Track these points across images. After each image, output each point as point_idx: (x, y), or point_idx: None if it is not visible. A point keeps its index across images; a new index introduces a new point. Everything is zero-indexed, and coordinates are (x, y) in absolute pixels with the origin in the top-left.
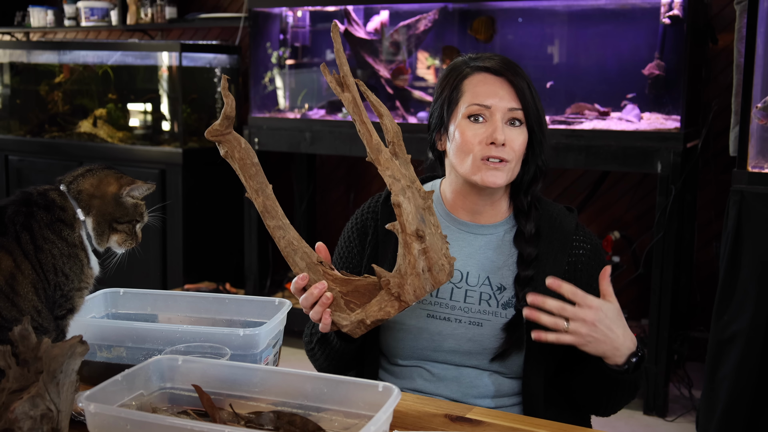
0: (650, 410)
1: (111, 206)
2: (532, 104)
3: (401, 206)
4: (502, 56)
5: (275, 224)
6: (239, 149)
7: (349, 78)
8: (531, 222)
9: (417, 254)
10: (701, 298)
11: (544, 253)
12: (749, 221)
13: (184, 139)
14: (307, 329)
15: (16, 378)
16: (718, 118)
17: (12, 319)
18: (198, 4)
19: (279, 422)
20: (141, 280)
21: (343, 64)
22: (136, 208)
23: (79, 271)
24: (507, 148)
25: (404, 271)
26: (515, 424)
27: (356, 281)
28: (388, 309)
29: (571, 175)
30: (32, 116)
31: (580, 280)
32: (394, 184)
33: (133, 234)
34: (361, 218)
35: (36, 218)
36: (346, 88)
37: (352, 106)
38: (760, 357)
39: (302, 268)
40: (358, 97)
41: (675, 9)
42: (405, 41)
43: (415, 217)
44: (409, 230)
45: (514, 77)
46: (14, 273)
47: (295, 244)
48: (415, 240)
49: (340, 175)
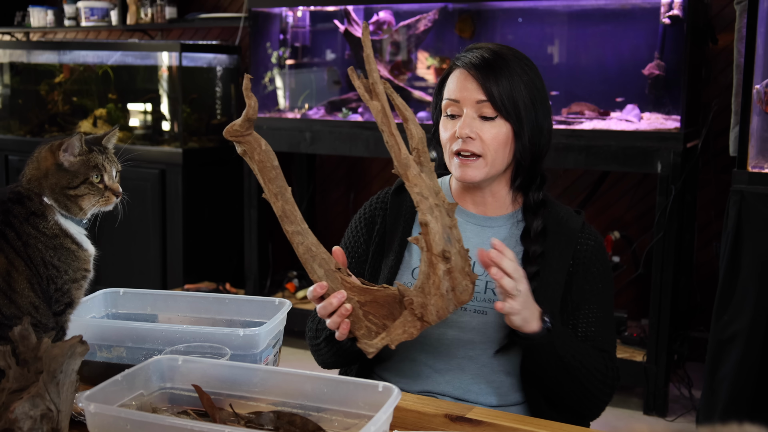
0: (650, 410)
1: (56, 177)
2: (502, 94)
3: (429, 225)
4: (492, 47)
5: (294, 229)
6: (259, 151)
7: (379, 85)
8: (539, 219)
9: (442, 275)
10: (701, 298)
11: (550, 250)
12: (749, 221)
13: (184, 139)
14: (312, 324)
15: (16, 378)
16: (718, 118)
17: (10, 315)
18: (198, 4)
19: (279, 422)
20: (141, 280)
21: (373, 71)
22: (86, 164)
23: (70, 259)
24: (476, 142)
25: (428, 291)
26: (515, 424)
27: (375, 291)
28: (411, 330)
29: (571, 175)
30: (32, 116)
31: (579, 274)
32: (422, 202)
33: (100, 190)
34: (370, 209)
35: (13, 213)
36: (374, 95)
37: (381, 116)
38: (760, 357)
39: (321, 276)
40: (387, 106)
41: (675, 9)
42: (405, 41)
43: (442, 238)
44: (436, 251)
45: (482, 70)
46: (9, 270)
47: (313, 250)
48: (441, 261)
49: (340, 175)
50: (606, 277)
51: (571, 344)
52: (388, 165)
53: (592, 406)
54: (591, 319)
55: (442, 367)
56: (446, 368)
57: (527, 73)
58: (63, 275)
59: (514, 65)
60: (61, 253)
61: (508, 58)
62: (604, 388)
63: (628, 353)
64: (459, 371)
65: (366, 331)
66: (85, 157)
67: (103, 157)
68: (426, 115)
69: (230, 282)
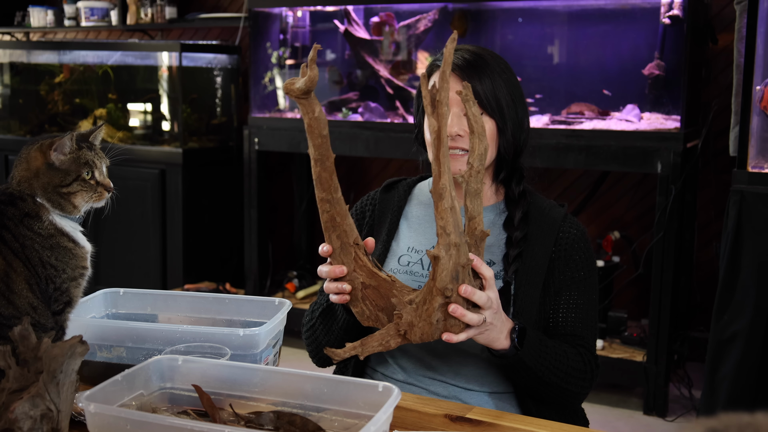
0: (650, 410)
1: (47, 176)
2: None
3: (439, 261)
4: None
5: (324, 197)
6: (311, 117)
7: (444, 107)
8: (520, 209)
9: (437, 307)
10: (701, 298)
11: (532, 235)
12: (749, 221)
13: (184, 139)
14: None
15: (16, 378)
16: (718, 118)
17: (9, 316)
18: (198, 4)
19: (279, 422)
20: (141, 280)
21: (443, 89)
22: (77, 161)
23: (68, 257)
24: (465, 138)
25: (420, 314)
26: (515, 424)
27: (381, 278)
28: (389, 343)
29: (571, 175)
30: (32, 116)
31: (561, 260)
32: (442, 237)
33: (92, 186)
34: (361, 205)
35: (7, 215)
36: (436, 113)
37: (435, 137)
38: (760, 357)
39: (336, 247)
40: (445, 129)
41: (675, 9)
42: (405, 41)
43: (449, 275)
44: (439, 285)
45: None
46: (7, 271)
47: (337, 220)
48: (440, 295)
49: (340, 175)
50: (588, 265)
51: (545, 355)
52: (388, 165)
53: (572, 400)
54: (571, 305)
55: (430, 362)
56: (432, 359)
57: (505, 72)
58: (61, 274)
59: (493, 65)
60: (58, 252)
61: (487, 58)
62: (583, 383)
63: (628, 353)
64: (447, 359)
65: (359, 311)
66: (76, 155)
67: (92, 154)
68: None
69: (230, 282)
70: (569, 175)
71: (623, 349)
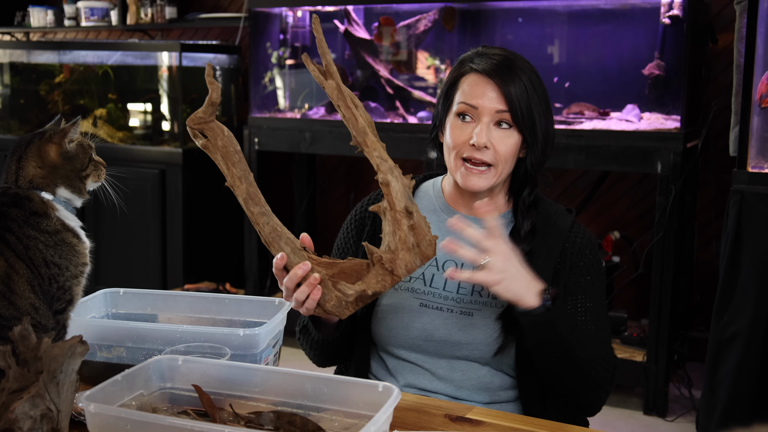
0: (650, 410)
1: (69, 166)
2: (521, 106)
3: (390, 185)
4: (506, 54)
5: (259, 210)
6: (222, 137)
7: (332, 66)
8: (528, 220)
9: (407, 230)
10: (701, 298)
11: (537, 248)
12: (749, 221)
13: (184, 139)
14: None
15: (16, 378)
16: (718, 118)
17: (10, 317)
18: (198, 4)
19: (279, 422)
20: (141, 280)
21: (326, 53)
22: (81, 145)
23: (71, 254)
24: (490, 151)
25: (395, 247)
26: (515, 424)
27: (341, 263)
28: (384, 283)
29: (571, 175)
30: (32, 116)
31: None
32: (382, 164)
33: (98, 165)
34: (360, 212)
35: (11, 217)
36: (329, 75)
37: (336, 92)
38: (760, 357)
39: (288, 253)
40: (341, 83)
41: (675, 9)
42: (405, 41)
43: (404, 195)
44: (399, 207)
45: (504, 79)
46: (9, 272)
47: (279, 230)
48: (405, 216)
49: (340, 175)
50: (595, 270)
51: (573, 325)
52: None
53: (593, 395)
54: (579, 309)
55: (432, 366)
56: (437, 366)
57: (540, 82)
58: (65, 272)
59: (529, 74)
60: (62, 249)
61: (523, 67)
62: (606, 375)
63: (628, 353)
64: (449, 370)
65: (336, 302)
66: (80, 140)
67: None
68: (426, 115)
69: (230, 282)
70: (569, 175)
71: (623, 349)
